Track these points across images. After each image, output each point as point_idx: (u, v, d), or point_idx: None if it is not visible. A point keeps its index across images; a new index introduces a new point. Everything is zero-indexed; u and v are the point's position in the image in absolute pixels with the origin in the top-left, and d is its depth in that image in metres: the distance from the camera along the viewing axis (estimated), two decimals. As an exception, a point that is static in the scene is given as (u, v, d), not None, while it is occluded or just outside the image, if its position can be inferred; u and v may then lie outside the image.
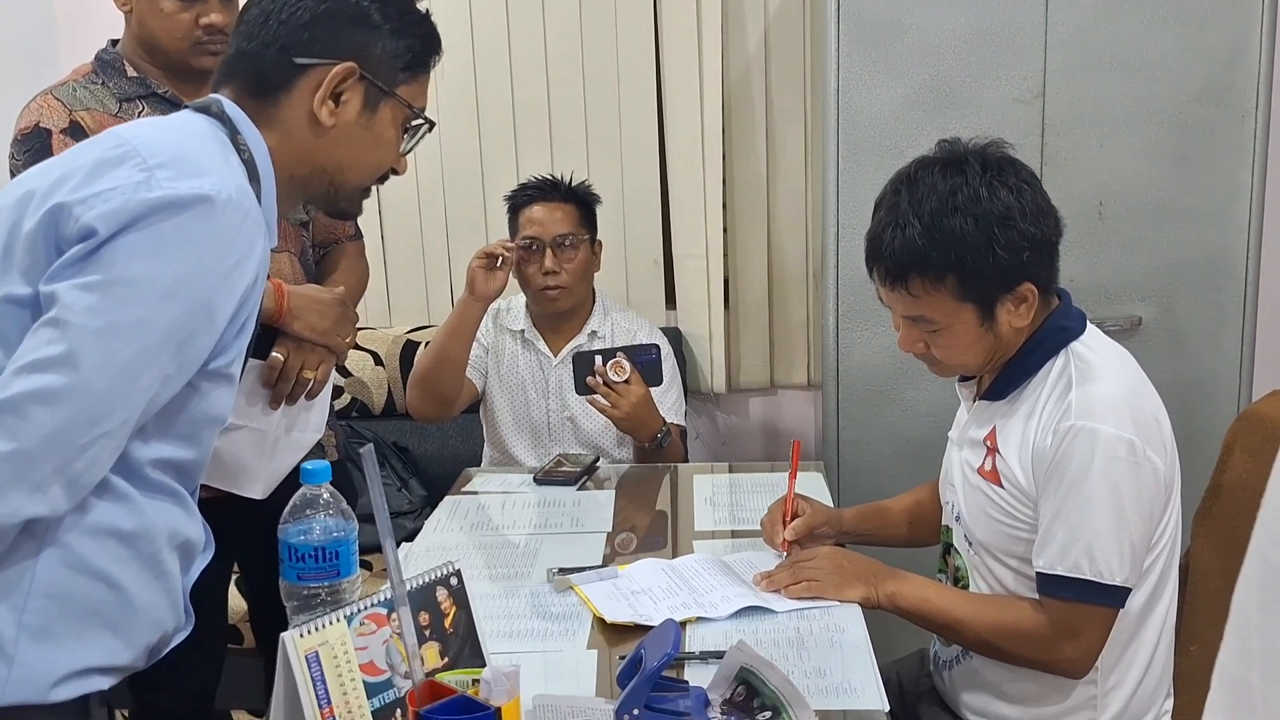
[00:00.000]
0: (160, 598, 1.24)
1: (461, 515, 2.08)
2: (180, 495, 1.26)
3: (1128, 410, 1.45)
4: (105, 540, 1.17)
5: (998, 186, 1.47)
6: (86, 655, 1.18)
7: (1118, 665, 1.52)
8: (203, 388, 1.22)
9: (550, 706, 1.35)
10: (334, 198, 1.38)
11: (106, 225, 1.10)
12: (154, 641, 1.25)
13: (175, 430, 1.22)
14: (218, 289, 1.16)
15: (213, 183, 1.15)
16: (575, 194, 2.51)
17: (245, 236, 1.18)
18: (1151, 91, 2.41)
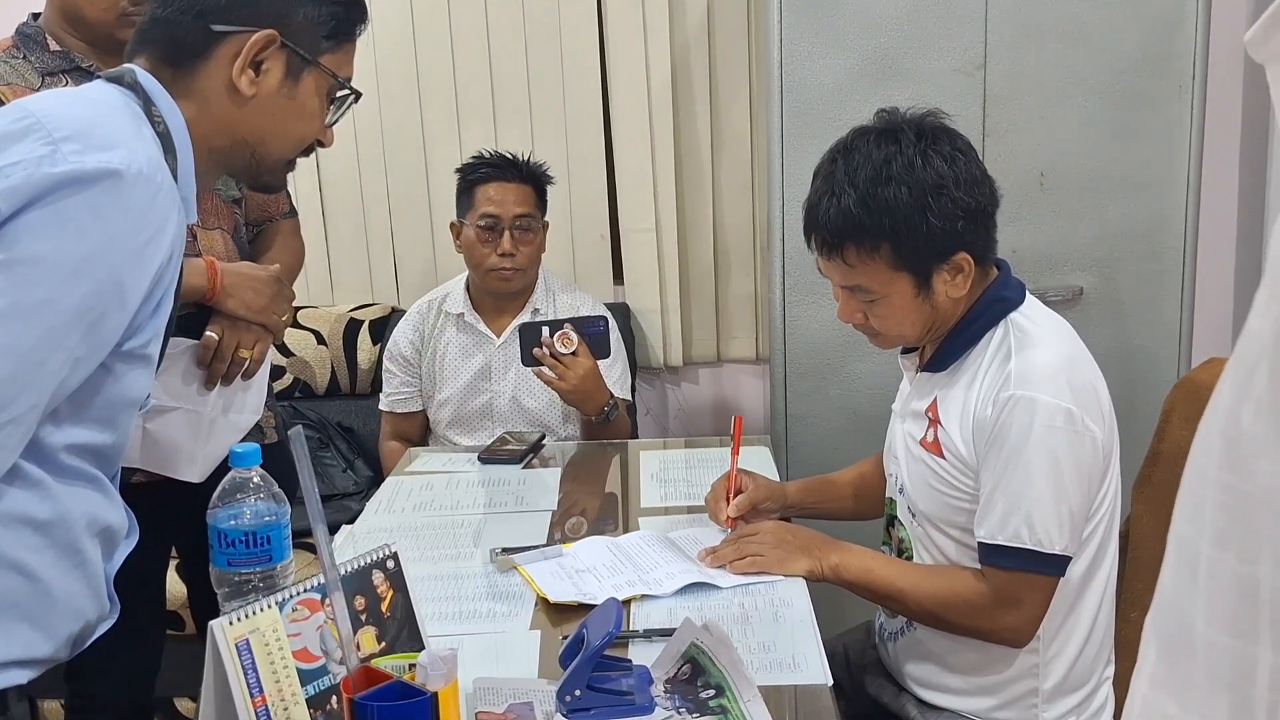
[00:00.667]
0: (80, 586, 1.20)
1: (404, 496, 2.06)
2: (98, 480, 1.22)
3: (1066, 379, 1.45)
4: (18, 529, 1.13)
5: (932, 155, 1.47)
6: (3, 649, 1.14)
7: (1059, 634, 1.54)
8: (117, 369, 1.18)
9: (491, 689, 1.34)
10: (256, 171, 1.34)
11: (8, 202, 1.05)
12: (76, 631, 1.22)
13: (90, 414, 1.17)
14: (129, 267, 1.12)
15: (122, 156, 1.10)
16: (533, 174, 2.50)
17: (157, 212, 1.13)
18: (1091, 62, 2.41)
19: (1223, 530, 0.51)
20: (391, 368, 2.60)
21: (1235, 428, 0.50)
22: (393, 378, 2.60)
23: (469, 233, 2.47)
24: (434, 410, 2.57)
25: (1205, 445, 0.53)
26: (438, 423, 2.57)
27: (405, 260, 3.11)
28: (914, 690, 1.63)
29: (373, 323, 3.02)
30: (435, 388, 2.56)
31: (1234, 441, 0.50)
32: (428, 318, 2.58)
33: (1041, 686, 1.54)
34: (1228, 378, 0.52)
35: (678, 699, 1.31)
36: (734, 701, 1.28)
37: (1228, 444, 0.51)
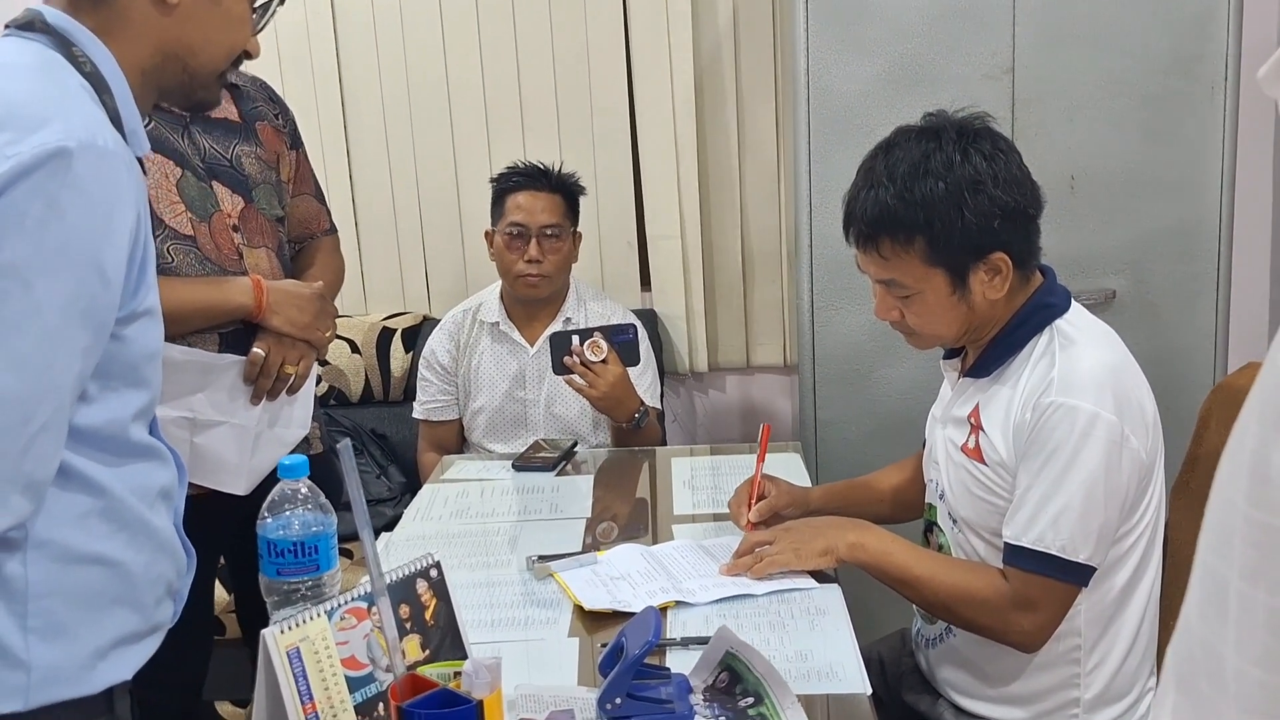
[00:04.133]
0: (155, 554, 1.23)
1: (441, 503, 2.08)
2: (145, 447, 1.22)
3: (1110, 389, 1.45)
4: (87, 523, 1.16)
5: (971, 153, 1.48)
6: (105, 634, 1.17)
7: (1099, 643, 1.53)
8: (127, 335, 1.17)
9: (533, 696, 1.35)
10: (190, 86, 1.30)
11: None
12: (162, 593, 1.25)
13: (118, 382, 1.17)
14: (102, 247, 1.09)
15: (58, 130, 1.06)
16: (563, 184, 2.52)
17: (111, 178, 1.10)
18: (1120, 64, 2.41)
19: (1254, 566, 0.51)
20: (428, 375, 2.62)
21: (1265, 466, 0.50)
22: (429, 386, 2.62)
23: (499, 240, 2.51)
24: (469, 418, 2.59)
25: (1232, 477, 0.52)
26: (472, 430, 2.60)
27: (436, 270, 3.14)
28: (951, 697, 1.63)
29: (405, 331, 3.05)
30: (470, 396, 2.58)
31: (1264, 480, 0.50)
32: (463, 326, 2.61)
33: (1082, 696, 1.54)
34: (1254, 412, 0.52)
35: (716, 707, 1.32)
36: (773, 710, 1.29)
37: (1257, 481, 0.50)
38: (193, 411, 1.81)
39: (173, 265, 1.83)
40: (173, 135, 1.87)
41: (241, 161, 1.94)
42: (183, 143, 1.88)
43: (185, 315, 1.80)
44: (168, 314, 1.75)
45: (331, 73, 3.03)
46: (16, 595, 1.11)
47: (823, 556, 1.61)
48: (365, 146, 3.08)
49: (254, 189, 1.94)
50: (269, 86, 2.09)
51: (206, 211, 1.87)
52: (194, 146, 1.89)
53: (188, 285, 1.82)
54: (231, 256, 1.89)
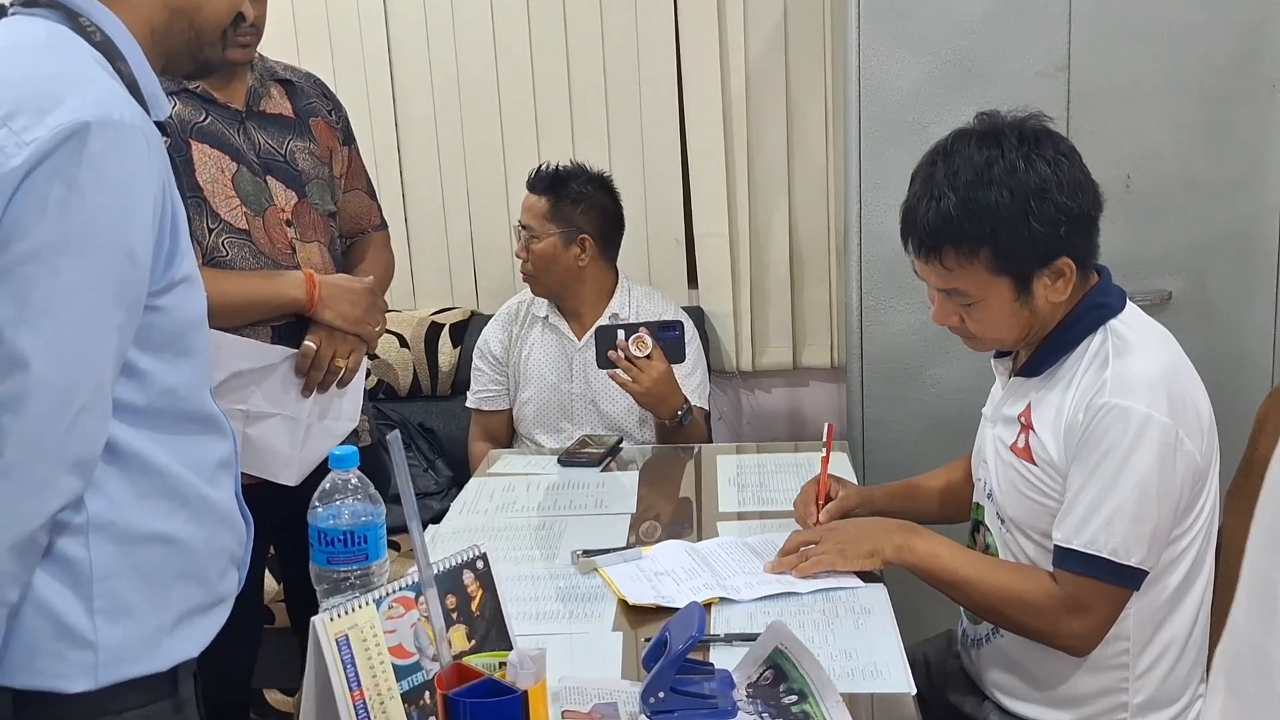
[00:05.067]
0: (215, 527, 1.24)
1: (487, 497, 2.09)
2: (198, 417, 1.22)
3: (1164, 391, 1.43)
4: (147, 503, 1.17)
5: (1035, 159, 1.45)
6: (169, 610, 1.19)
7: (1149, 647, 1.51)
8: (166, 305, 1.16)
9: (576, 689, 1.36)
10: (196, 44, 1.28)
11: None
12: (224, 565, 1.27)
13: (164, 353, 1.17)
14: (126, 223, 1.09)
15: (72, 108, 1.06)
16: (552, 186, 2.51)
17: (128, 153, 1.09)
18: (1178, 63, 2.37)
19: None
20: (480, 365, 2.66)
21: None
22: (481, 375, 2.66)
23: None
24: (518, 409, 2.63)
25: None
26: (520, 420, 2.63)
27: (484, 266, 3.16)
28: (996, 699, 1.62)
29: (453, 326, 3.07)
30: (520, 387, 2.61)
31: None
32: (516, 317, 2.64)
33: (1131, 701, 1.52)
34: None
35: (760, 704, 1.32)
36: (817, 707, 1.29)
37: None
38: (246, 403, 1.84)
39: (227, 258, 1.86)
40: (229, 131, 1.90)
41: (295, 157, 1.96)
42: (238, 138, 1.91)
43: (239, 308, 1.83)
44: (221, 307, 1.79)
45: (383, 70, 3.06)
46: (81, 578, 1.13)
47: (869, 558, 1.61)
48: (416, 143, 3.10)
49: (307, 184, 1.97)
50: (322, 83, 2.11)
51: (261, 206, 1.90)
52: (249, 142, 1.92)
53: (242, 279, 1.85)
54: (285, 250, 1.91)
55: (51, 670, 1.13)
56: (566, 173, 2.52)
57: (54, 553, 1.12)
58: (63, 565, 1.13)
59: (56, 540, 1.12)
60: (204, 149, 1.86)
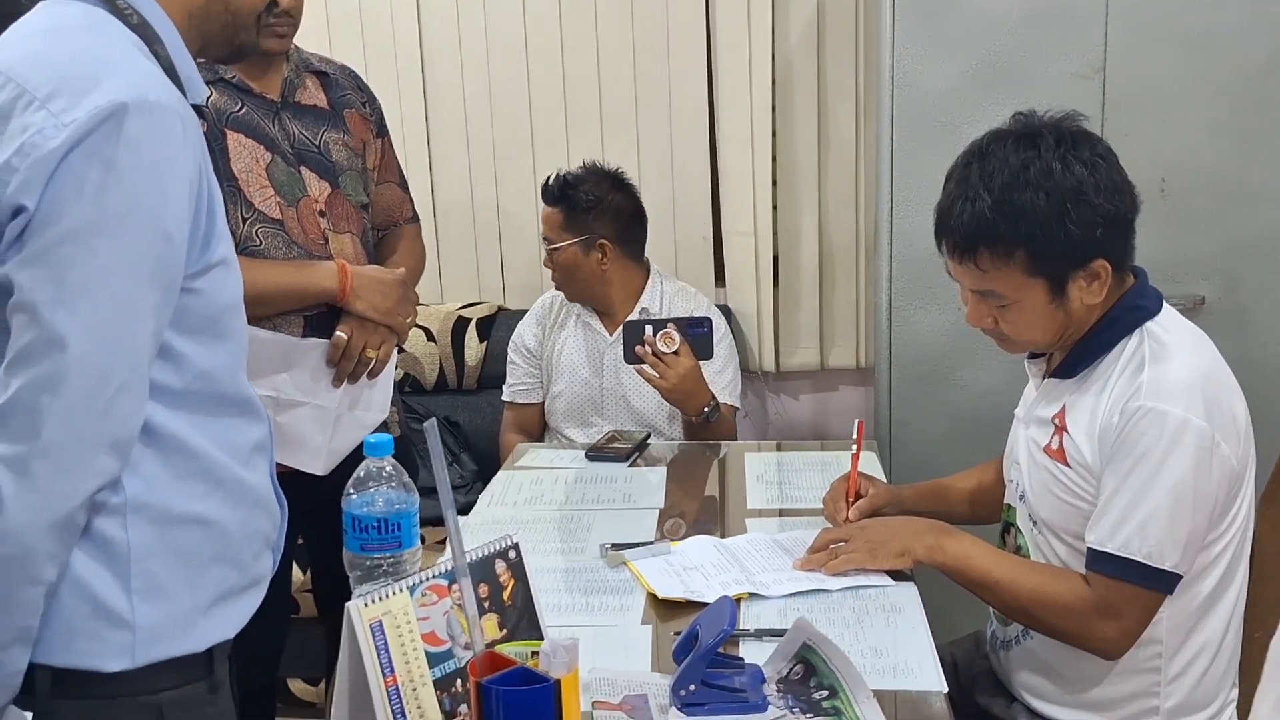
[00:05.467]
0: (252, 510, 1.25)
1: (515, 489, 2.10)
2: (234, 400, 1.23)
3: (1200, 395, 1.42)
4: (183, 485, 1.18)
5: (1071, 161, 1.44)
6: (205, 592, 1.20)
7: (1181, 652, 1.50)
8: (202, 287, 1.17)
9: (607, 680, 1.36)
10: (233, 27, 1.29)
11: (30, 196, 1.05)
12: (260, 547, 1.28)
13: (199, 336, 1.18)
14: (162, 204, 1.10)
15: (109, 90, 1.07)
16: (563, 195, 2.51)
17: (164, 134, 1.10)
18: (1215, 66, 2.35)
19: None
20: (515, 359, 2.67)
21: None
22: (516, 368, 2.67)
23: None
24: (549, 402, 2.64)
25: None
26: (551, 414, 2.64)
27: (512, 262, 3.17)
28: (1026, 700, 1.61)
29: (480, 321, 3.08)
30: (552, 380, 2.62)
31: None
32: (550, 312, 2.66)
33: (1162, 705, 1.51)
34: None
35: (790, 699, 1.32)
36: (848, 703, 1.29)
37: None
38: (276, 391, 1.85)
39: (260, 248, 1.87)
40: (264, 121, 1.91)
41: (329, 148, 1.97)
42: (273, 128, 1.92)
43: (272, 297, 1.83)
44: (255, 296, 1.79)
45: (415, 65, 3.07)
46: (119, 558, 1.14)
47: (899, 558, 1.60)
48: (446, 138, 3.11)
49: (341, 175, 1.98)
50: (357, 75, 2.12)
51: (294, 196, 1.91)
52: (284, 132, 1.93)
53: (275, 268, 1.86)
54: (317, 241, 1.92)
55: (89, 649, 1.14)
56: (576, 179, 2.51)
57: (92, 533, 1.13)
58: (101, 546, 1.14)
59: (94, 521, 1.13)
60: (239, 138, 1.88)
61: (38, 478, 1.06)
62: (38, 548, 1.07)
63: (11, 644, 1.09)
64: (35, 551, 1.07)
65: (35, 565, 1.08)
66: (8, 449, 1.06)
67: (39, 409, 1.06)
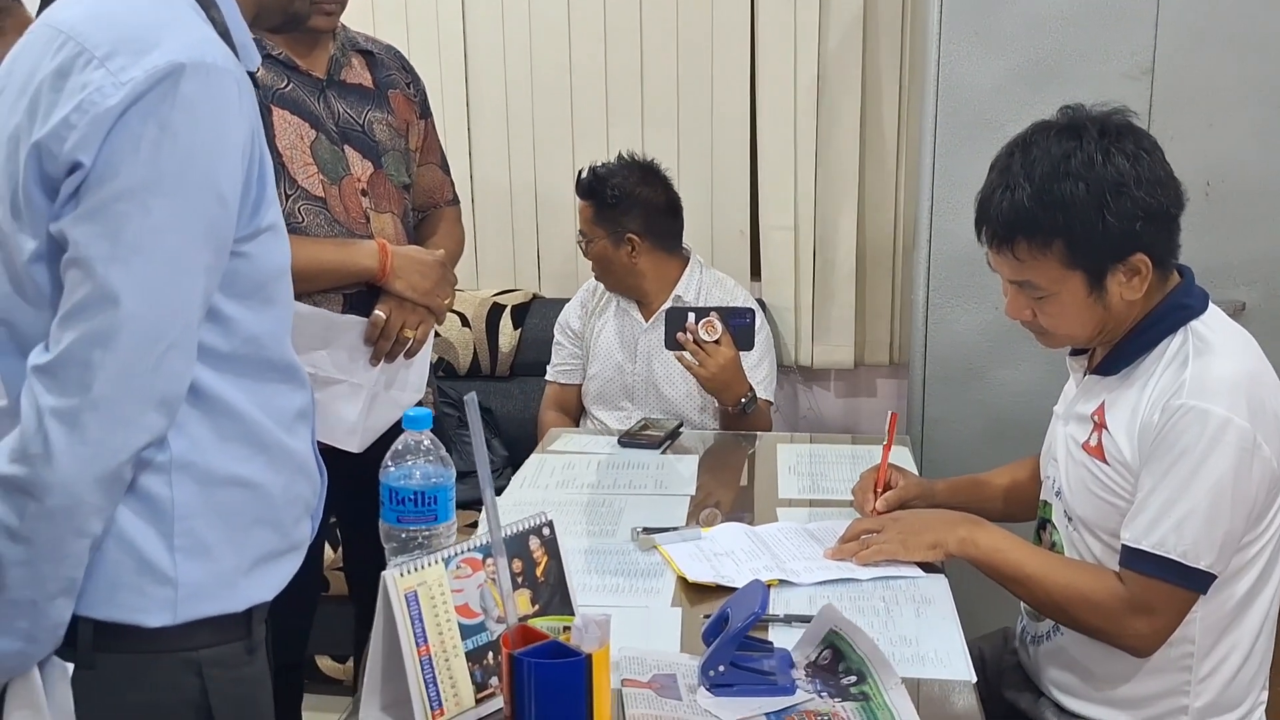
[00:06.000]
0: (294, 475, 1.26)
1: (548, 473, 2.11)
2: (278, 366, 1.24)
3: (1244, 395, 1.41)
4: (228, 447, 1.19)
5: (1114, 153, 1.43)
6: (246, 553, 1.22)
7: (1213, 652, 1.49)
8: (251, 251, 1.18)
9: (636, 659, 1.37)
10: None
11: (87, 152, 1.07)
12: (299, 513, 1.29)
13: (246, 301, 1.19)
14: (216, 166, 1.11)
15: (167, 52, 1.09)
16: (591, 189, 2.53)
17: (220, 96, 1.12)
18: (1264, 71, 2.33)
19: None
20: (561, 339, 2.72)
21: None
22: (561, 349, 2.71)
23: None
24: (586, 383, 2.67)
25: None
26: (586, 394, 2.68)
27: (548, 249, 3.18)
28: (1054, 696, 1.61)
29: (514, 308, 3.10)
30: (589, 362, 2.65)
31: None
32: (593, 295, 2.70)
33: (1192, 705, 1.50)
34: None
35: (819, 683, 1.32)
36: (876, 689, 1.29)
37: None
38: (315, 367, 1.86)
39: (302, 225, 1.88)
40: (309, 99, 1.92)
41: (373, 128, 1.99)
42: (318, 106, 1.93)
43: (313, 274, 1.85)
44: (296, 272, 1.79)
45: (458, 49, 3.09)
46: (164, 516, 1.16)
47: (931, 550, 1.60)
48: (486, 124, 3.13)
49: (383, 155, 1.99)
50: (402, 56, 2.13)
51: (337, 174, 1.93)
52: (329, 110, 1.94)
53: (317, 245, 1.88)
54: (359, 220, 1.94)
55: (132, 604, 1.15)
56: (606, 172, 2.53)
57: (138, 489, 1.15)
58: (146, 502, 1.15)
59: (140, 477, 1.15)
60: (285, 115, 1.89)
61: (88, 430, 1.07)
62: (86, 500, 1.08)
63: (57, 594, 1.11)
64: (83, 504, 1.08)
65: (82, 517, 1.09)
66: (59, 401, 1.07)
67: (91, 363, 1.07)
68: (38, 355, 1.09)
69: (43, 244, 1.11)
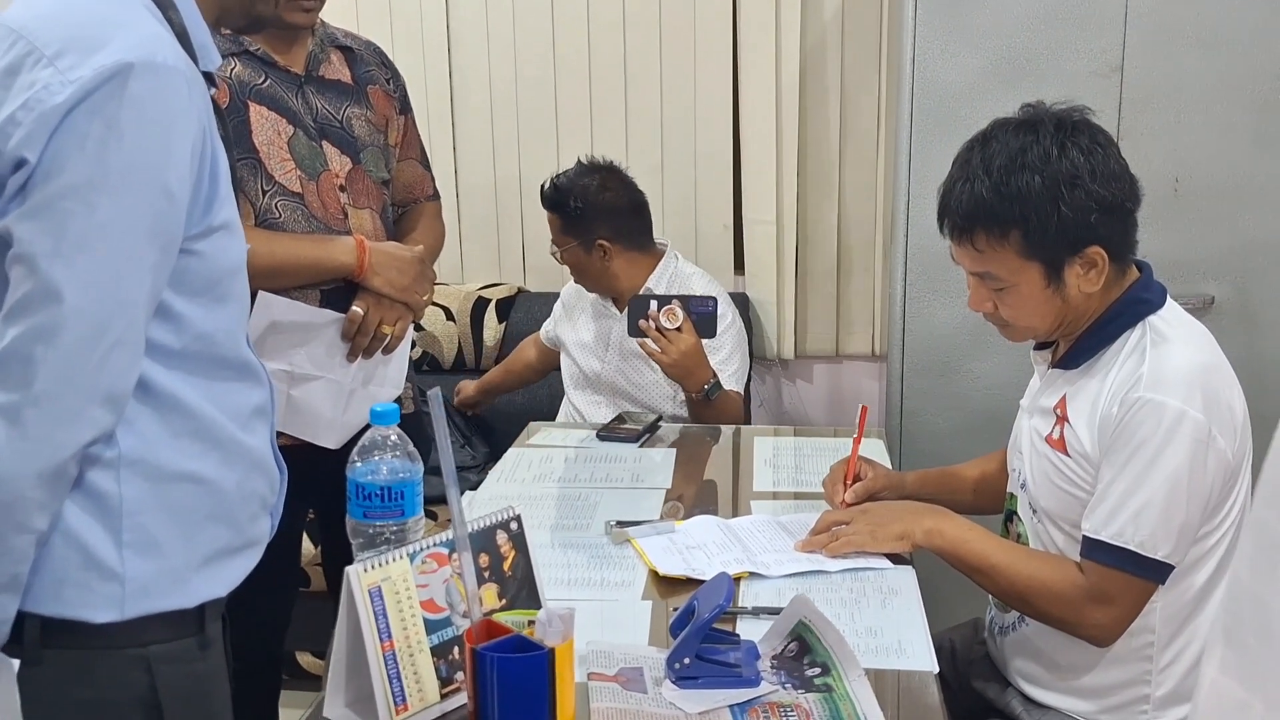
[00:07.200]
0: (249, 472, 1.27)
1: (525, 467, 2.13)
2: (233, 363, 1.25)
3: (1199, 388, 1.43)
4: (179, 443, 1.19)
5: (1069, 147, 1.46)
6: (198, 549, 1.22)
7: (1173, 642, 1.52)
8: (203, 250, 1.19)
9: (604, 653, 1.38)
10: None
11: (32, 149, 1.07)
12: (256, 509, 1.29)
13: (199, 298, 1.20)
14: (164, 164, 1.12)
15: (116, 50, 1.09)
16: (555, 203, 2.54)
17: (169, 95, 1.12)
18: (1232, 69, 2.36)
19: None
20: (558, 308, 2.79)
21: None
22: (555, 316, 2.80)
23: None
24: (563, 367, 2.73)
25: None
26: (564, 377, 2.73)
27: (533, 244, 3.19)
28: (1020, 686, 1.63)
29: (499, 302, 3.11)
30: (567, 340, 2.70)
31: None
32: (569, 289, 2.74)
33: (1153, 694, 1.52)
34: None
35: (784, 675, 1.34)
36: (839, 680, 1.31)
37: None
38: (291, 365, 1.87)
39: (280, 221, 1.89)
40: (287, 94, 1.93)
41: (352, 123, 1.99)
42: (296, 102, 1.93)
43: (290, 270, 1.86)
44: (273, 268, 1.82)
45: (441, 45, 3.10)
46: (111, 511, 1.16)
47: (898, 541, 1.62)
48: (471, 120, 3.14)
49: (362, 151, 1.99)
50: (382, 51, 2.14)
51: (315, 170, 1.93)
52: (306, 106, 1.95)
53: (294, 241, 1.88)
54: (337, 216, 1.94)
55: (78, 600, 1.15)
56: (567, 182, 2.53)
57: (85, 485, 1.15)
58: (93, 498, 1.15)
59: (87, 473, 1.15)
60: (261, 111, 1.89)
61: (29, 426, 1.07)
62: (27, 495, 1.08)
63: (1, 591, 1.11)
64: (25, 499, 1.09)
65: (25, 513, 1.09)
66: (1, 397, 1.07)
67: (33, 358, 1.07)
68: None
69: None
